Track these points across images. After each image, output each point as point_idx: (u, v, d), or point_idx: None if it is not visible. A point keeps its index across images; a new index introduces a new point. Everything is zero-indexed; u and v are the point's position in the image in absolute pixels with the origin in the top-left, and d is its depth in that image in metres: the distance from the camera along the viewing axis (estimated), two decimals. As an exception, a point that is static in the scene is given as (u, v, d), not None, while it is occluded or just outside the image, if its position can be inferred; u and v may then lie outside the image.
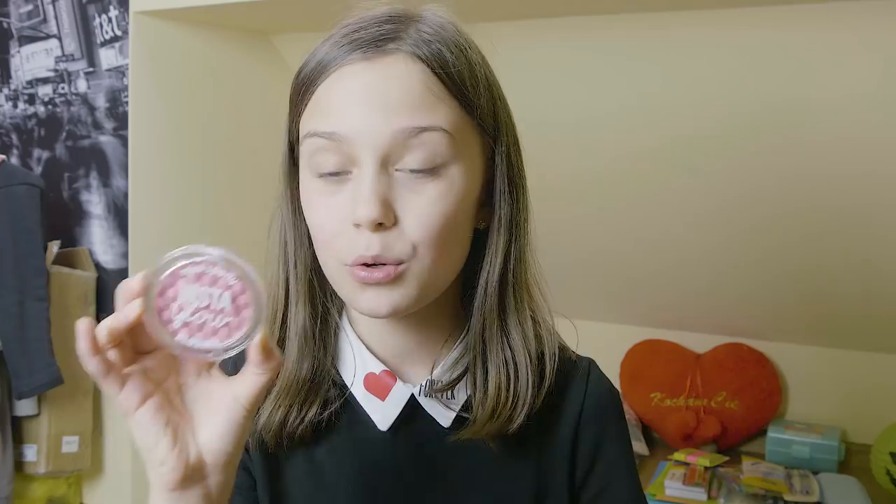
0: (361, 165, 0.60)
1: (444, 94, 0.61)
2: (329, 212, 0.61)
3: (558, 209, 1.79)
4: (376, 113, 0.59)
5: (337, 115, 0.60)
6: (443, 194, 0.61)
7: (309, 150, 0.62)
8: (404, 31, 0.62)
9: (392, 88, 0.60)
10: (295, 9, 1.56)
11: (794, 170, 1.53)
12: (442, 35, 0.63)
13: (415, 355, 0.70)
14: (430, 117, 0.60)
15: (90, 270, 1.91)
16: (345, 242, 0.61)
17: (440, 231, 0.61)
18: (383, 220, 0.59)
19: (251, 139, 1.90)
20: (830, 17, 1.25)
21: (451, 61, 0.62)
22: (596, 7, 1.38)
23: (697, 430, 1.93)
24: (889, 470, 1.67)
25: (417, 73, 0.60)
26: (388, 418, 0.69)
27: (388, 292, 0.61)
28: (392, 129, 0.59)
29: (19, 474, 1.88)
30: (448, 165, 0.61)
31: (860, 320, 1.80)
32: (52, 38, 1.93)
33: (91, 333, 0.51)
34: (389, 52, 0.61)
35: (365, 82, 0.60)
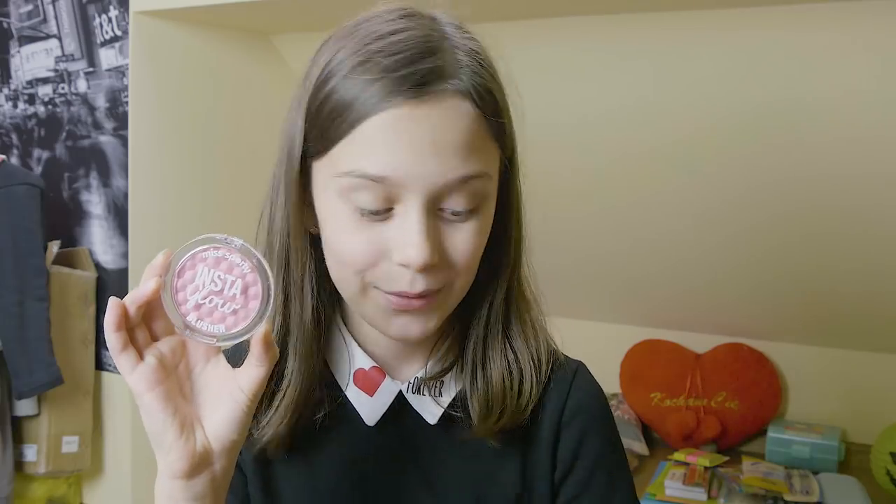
0: (407, 205, 0.60)
1: (488, 134, 0.62)
2: (366, 244, 0.61)
3: (559, 210, 1.79)
4: (430, 158, 0.59)
5: (388, 158, 0.59)
6: (480, 230, 0.63)
7: (350, 185, 0.60)
8: (446, 64, 0.60)
9: (446, 133, 0.59)
10: (295, 9, 1.56)
11: (794, 170, 1.53)
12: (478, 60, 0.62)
13: (408, 354, 0.71)
14: (480, 164, 0.61)
15: (90, 270, 1.91)
16: (382, 273, 0.61)
17: (475, 259, 0.64)
18: (433, 263, 0.60)
19: (251, 139, 1.90)
20: (830, 18, 1.25)
21: (494, 94, 0.62)
22: (595, 7, 1.38)
23: (697, 430, 1.93)
24: (889, 470, 1.67)
25: (467, 114, 0.60)
26: (375, 413, 0.70)
27: (421, 318, 0.63)
28: (445, 177, 0.59)
29: (19, 474, 1.88)
30: (485, 202, 0.63)
31: (860, 320, 1.80)
32: (52, 38, 1.93)
33: (119, 308, 0.55)
34: (439, 93, 0.59)
35: (417, 125, 0.59)
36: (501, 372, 0.69)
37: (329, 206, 0.63)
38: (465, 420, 0.69)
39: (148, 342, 0.58)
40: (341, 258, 0.63)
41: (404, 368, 0.72)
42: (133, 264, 1.80)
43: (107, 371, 1.93)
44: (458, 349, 0.71)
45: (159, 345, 0.58)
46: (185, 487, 0.57)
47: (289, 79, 1.92)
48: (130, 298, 0.56)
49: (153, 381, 0.56)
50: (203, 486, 0.58)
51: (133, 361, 0.56)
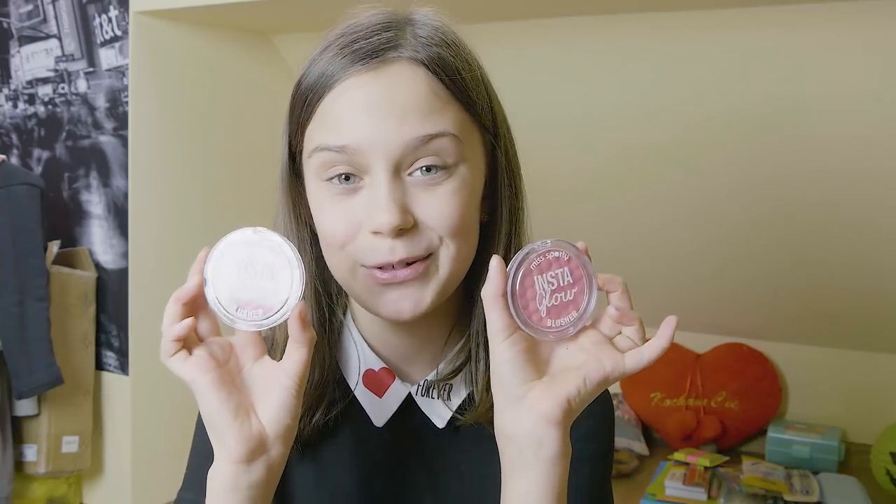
0: (374, 174, 0.61)
1: (449, 97, 0.62)
2: (342, 218, 0.62)
3: (556, 209, 1.79)
4: (386, 122, 0.60)
5: (346, 128, 0.61)
6: (456, 190, 0.63)
7: (318, 162, 0.62)
8: (402, 37, 0.62)
9: (399, 97, 0.60)
10: (295, 9, 1.56)
11: (793, 169, 1.53)
12: (438, 37, 0.63)
13: (418, 355, 0.71)
14: (439, 123, 0.61)
15: (90, 270, 1.91)
16: (361, 247, 0.62)
17: (459, 224, 0.63)
18: (403, 224, 0.60)
19: (251, 139, 1.90)
20: (827, 18, 1.25)
21: (451, 63, 0.63)
22: (594, 7, 1.38)
23: (697, 430, 1.93)
24: (889, 470, 1.67)
25: (422, 79, 0.61)
26: (383, 415, 0.70)
27: (413, 292, 0.63)
28: (403, 138, 0.60)
29: (19, 474, 1.88)
30: (458, 165, 0.63)
31: (860, 320, 1.80)
32: (52, 38, 1.93)
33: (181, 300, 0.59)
34: (391, 60, 0.61)
35: (371, 93, 0.61)
36: None
37: (311, 192, 0.65)
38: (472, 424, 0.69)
39: (195, 341, 0.60)
40: (325, 238, 0.65)
41: (414, 370, 0.71)
42: (133, 264, 1.80)
43: (107, 371, 1.93)
44: (468, 351, 0.70)
45: (208, 343, 0.60)
46: (244, 472, 0.58)
47: (289, 79, 1.91)
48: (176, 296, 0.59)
49: (206, 367, 0.58)
50: (260, 473, 0.59)
51: (184, 353, 0.58)
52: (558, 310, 0.58)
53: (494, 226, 0.69)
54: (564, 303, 0.59)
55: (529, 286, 0.58)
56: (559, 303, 0.58)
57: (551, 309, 0.58)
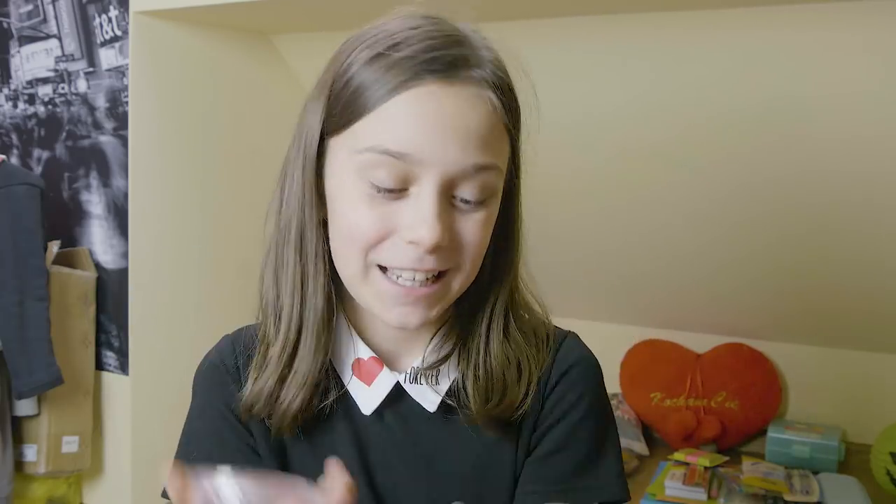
0: (423, 186, 0.61)
1: (505, 128, 0.64)
2: (378, 220, 0.62)
3: (557, 209, 1.79)
4: (453, 141, 0.60)
5: (410, 134, 0.60)
6: (486, 222, 0.64)
7: (369, 161, 0.61)
8: (472, 57, 0.62)
9: (469, 117, 0.61)
10: (295, 9, 1.56)
11: (793, 169, 1.53)
12: (498, 60, 0.65)
13: (405, 345, 0.73)
14: (494, 156, 0.63)
15: (90, 270, 1.91)
16: (390, 251, 0.62)
17: (482, 250, 0.65)
18: (442, 244, 0.61)
19: (251, 139, 1.90)
20: (829, 17, 1.25)
21: (513, 91, 0.65)
22: (594, 7, 1.38)
23: (697, 430, 1.93)
24: (889, 470, 1.67)
25: (491, 104, 0.62)
26: (371, 403, 0.71)
27: (421, 310, 0.65)
28: (463, 162, 0.61)
29: (19, 474, 1.88)
30: (493, 196, 0.65)
31: (860, 320, 1.80)
32: (52, 38, 1.93)
33: None
34: (465, 78, 0.61)
35: (442, 106, 0.60)
36: (501, 362, 0.70)
37: (344, 183, 0.64)
38: (462, 408, 0.70)
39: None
40: (349, 233, 0.64)
41: (404, 359, 0.73)
42: (133, 264, 1.80)
43: (107, 371, 1.93)
44: (456, 338, 0.72)
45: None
46: None
47: (289, 79, 1.92)
48: None
49: None
50: None
51: None
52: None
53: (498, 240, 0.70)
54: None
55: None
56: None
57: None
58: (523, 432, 0.73)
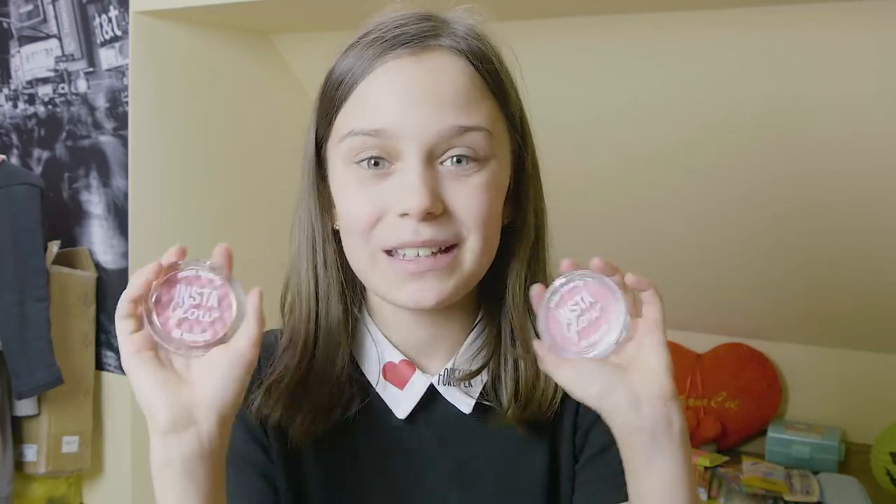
0: (406, 158, 0.61)
1: (485, 91, 0.63)
2: (370, 201, 0.62)
3: (557, 209, 1.78)
4: (423, 108, 0.60)
5: (383, 111, 0.60)
6: (486, 184, 0.63)
7: (349, 146, 0.62)
8: (442, 28, 0.63)
9: (440, 84, 0.61)
10: (295, 9, 1.56)
11: (794, 169, 1.53)
12: (476, 31, 0.64)
13: (434, 346, 0.72)
14: (475, 116, 0.62)
15: (90, 270, 1.91)
16: (386, 230, 0.62)
17: (486, 219, 0.64)
18: (433, 209, 0.60)
19: (251, 139, 1.90)
20: (830, 17, 1.25)
21: (489, 56, 0.64)
22: (595, 7, 1.38)
23: (697, 430, 1.93)
24: (889, 470, 1.66)
25: (462, 68, 0.62)
26: (406, 407, 0.70)
27: (436, 283, 0.63)
28: (439, 126, 0.60)
29: (19, 474, 1.88)
30: (488, 160, 0.63)
31: (860, 320, 1.79)
32: (52, 38, 1.93)
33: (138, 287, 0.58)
34: (433, 47, 0.61)
35: (411, 78, 0.60)
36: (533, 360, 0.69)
37: (338, 178, 0.65)
38: (496, 408, 0.70)
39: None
40: (349, 224, 0.64)
41: (431, 360, 0.72)
42: (133, 264, 1.80)
43: (107, 371, 1.93)
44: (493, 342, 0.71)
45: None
46: (174, 445, 0.57)
47: (289, 79, 1.92)
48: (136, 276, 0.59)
49: (144, 346, 0.57)
50: (191, 445, 0.57)
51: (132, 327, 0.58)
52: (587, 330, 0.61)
53: (519, 230, 0.70)
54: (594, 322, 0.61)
55: (554, 322, 0.61)
56: (588, 324, 0.61)
57: (582, 331, 0.61)
58: (559, 433, 0.72)
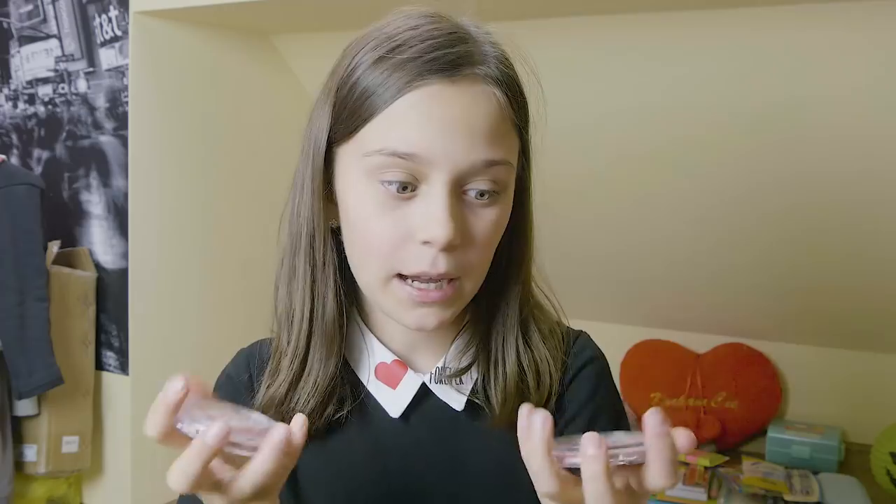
0: (433, 184, 0.61)
1: (513, 122, 0.64)
2: (390, 224, 0.62)
3: (558, 210, 1.77)
4: (458, 137, 0.60)
5: (418, 135, 0.60)
6: (498, 220, 0.65)
7: (376, 164, 0.62)
8: (476, 53, 0.63)
9: (474, 113, 0.61)
10: (295, 9, 1.56)
11: (794, 169, 1.53)
12: (504, 56, 0.65)
13: (424, 345, 0.73)
14: (502, 150, 0.63)
15: (90, 270, 1.91)
16: (404, 255, 0.62)
17: (490, 253, 0.65)
18: (456, 242, 0.61)
19: (251, 139, 1.90)
20: (830, 17, 1.25)
21: (519, 86, 0.65)
22: (596, 8, 1.38)
23: (697, 430, 1.93)
24: (889, 470, 1.67)
25: (496, 100, 0.62)
26: (399, 406, 0.71)
27: (440, 310, 0.65)
28: (471, 158, 0.61)
29: (19, 474, 1.88)
30: (505, 192, 0.65)
31: (860, 320, 1.80)
32: (52, 38, 1.93)
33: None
34: (470, 76, 0.61)
35: (448, 104, 0.60)
36: (518, 365, 0.71)
37: (355, 190, 0.64)
38: (487, 406, 0.70)
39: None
40: (368, 243, 0.64)
41: (422, 360, 0.73)
42: (133, 264, 1.80)
43: (107, 371, 1.93)
44: (479, 342, 0.72)
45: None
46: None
47: (289, 79, 1.92)
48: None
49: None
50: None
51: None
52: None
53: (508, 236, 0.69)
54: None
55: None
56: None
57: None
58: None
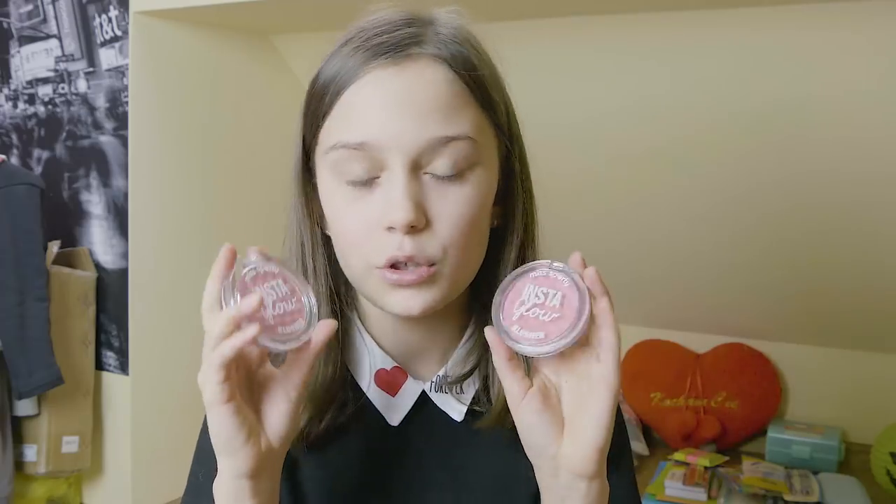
0: (391, 170, 0.61)
1: (469, 97, 0.62)
2: (358, 216, 0.62)
3: (558, 210, 1.77)
4: (407, 120, 0.60)
5: (366, 123, 0.60)
6: (469, 197, 0.63)
7: (335, 159, 0.62)
8: (424, 34, 0.62)
9: (421, 94, 0.60)
10: (295, 9, 1.56)
11: (794, 169, 1.53)
12: (460, 35, 0.64)
13: (425, 352, 0.72)
14: (459, 125, 0.61)
15: (90, 270, 1.91)
16: (375, 245, 0.62)
17: (468, 233, 0.63)
18: (417, 223, 0.60)
19: (251, 139, 1.90)
20: (831, 17, 1.25)
21: (472, 61, 0.63)
22: (596, 7, 1.38)
23: (697, 430, 1.93)
24: (889, 470, 1.67)
25: (444, 76, 0.61)
26: (399, 414, 0.70)
27: (420, 292, 0.63)
28: (423, 137, 0.60)
29: (19, 474, 1.88)
30: (473, 169, 0.63)
31: (860, 320, 1.80)
32: (52, 38, 1.93)
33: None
34: (414, 56, 0.61)
35: (393, 88, 0.60)
36: None
37: (326, 190, 0.65)
38: (487, 414, 0.70)
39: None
40: (344, 239, 0.64)
41: (422, 366, 0.72)
42: (133, 264, 1.80)
43: (107, 371, 1.93)
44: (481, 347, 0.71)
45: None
46: (252, 485, 0.59)
47: (289, 79, 1.92)
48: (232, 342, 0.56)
49: (227, 394, 0.56)
50: (266, 483, 0.60)
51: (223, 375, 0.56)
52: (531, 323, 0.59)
53: (507, 233, 0.69)
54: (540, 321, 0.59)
55: (516, 296, 0.60)
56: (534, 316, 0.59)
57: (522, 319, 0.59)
58: None
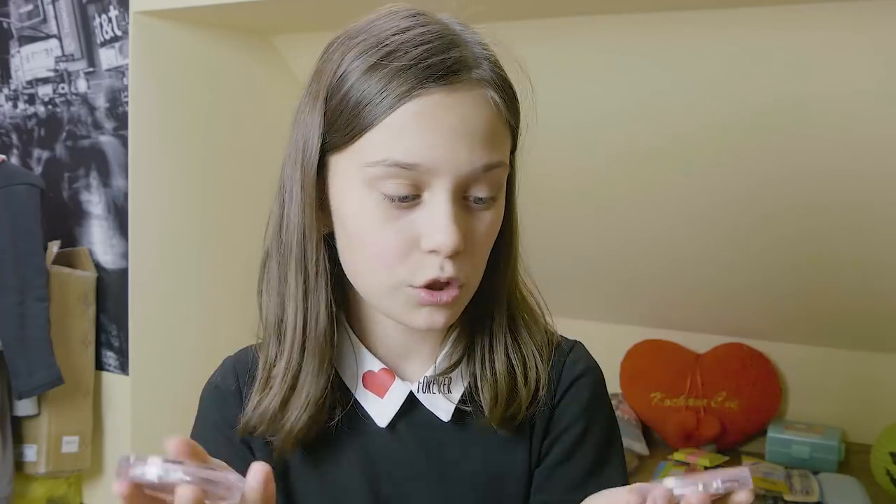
0: (435, 192, 0.61)
1: (507, 127, 0.64)
2: (396, 234, 0.62)
3: (558, 209, 1.79)
4: (459, 144, 0.60)
5: (420, 145, 0.60)
6: (494, 222, 0.65)
7: (377, 174, 0.61)
8: (468, 55, 0.62)
9: (473, 120, 0.61)
10: (295, 9, 1.56)
11: (794, 169, 1.53)
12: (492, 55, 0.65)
13: (413, 353, 0.72)
14: (500, 152, 0.63)
15: (90, 270, 1.91)
16: (413, 265, 0.62)
17: (488, 251, 0.66)
18: (461, 249, 0.61)
19: (251, 139, 1.90)
20: (831, 17, 1.25)
21: (509, 83, 0.65)
22: (596, 7, 1.38)
23: (697, 430, 1.93)
24: (889, 470, 1.66)
25: (493, 102, 0.62)
26: (386, 415, 0.70)
27: (445, 309, 0.65)
28: (473, 164, 0.61)
29: (19, 474, 1.88)
30: (501, 191, 0.65)
31: (860, 320, 1.79)
32: (52, 38, 1.93)
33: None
34: (466, 81, 0.61)
35: (447, 112, 0.60)
36: (507, 362, 0.70)
37: (354, 200, 0.63)
38: (476, 413, 0.70)
39: None
40: (371, 253, 0.63)
41: (410, 368, 0.72)
42: (133, 264, 1.80)
43: (107, 371, 1.93)
44: (465, 343, 0.71)
45: None
46: None
47: (289, 79, 1.92)
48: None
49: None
50: None
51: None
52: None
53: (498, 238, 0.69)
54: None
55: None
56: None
57: None
58: (535, 435, 0.72)
